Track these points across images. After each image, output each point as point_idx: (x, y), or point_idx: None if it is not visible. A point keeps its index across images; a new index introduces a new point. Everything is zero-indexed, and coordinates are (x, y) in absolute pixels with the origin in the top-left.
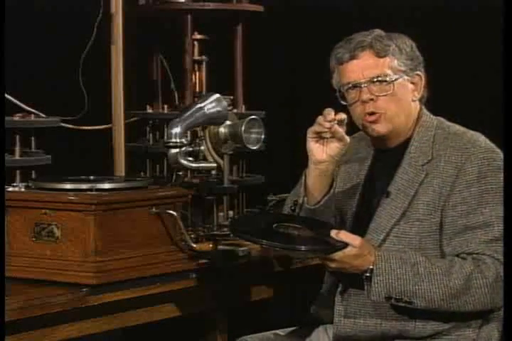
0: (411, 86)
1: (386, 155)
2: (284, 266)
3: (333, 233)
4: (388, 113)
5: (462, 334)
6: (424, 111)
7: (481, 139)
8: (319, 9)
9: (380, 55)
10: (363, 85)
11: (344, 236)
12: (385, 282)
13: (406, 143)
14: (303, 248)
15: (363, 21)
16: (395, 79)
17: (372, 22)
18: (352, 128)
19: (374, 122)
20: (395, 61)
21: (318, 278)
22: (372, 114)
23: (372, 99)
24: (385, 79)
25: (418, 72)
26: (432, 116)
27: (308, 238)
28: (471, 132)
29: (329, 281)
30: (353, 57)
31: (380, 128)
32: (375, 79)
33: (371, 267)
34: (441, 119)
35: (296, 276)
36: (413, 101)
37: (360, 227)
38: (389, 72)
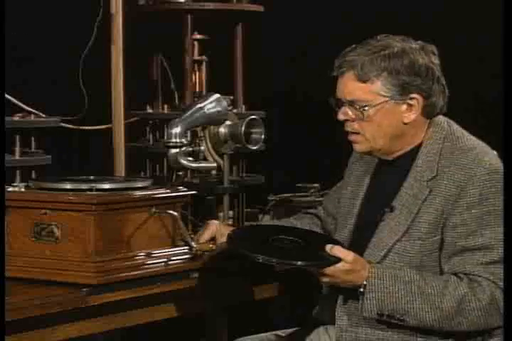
0: (404, 107)
1: (392, 165)
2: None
3: (328, 248)
4: (366, 135)
5: None
6: (436, 119)
7: (487, 158)
8: (319, 9)
9: (361, 79)
10: (342, 104)
11: (337, 251)
12: (377, 299)
13: (413, 153)
14: (298, 263)
15: (363, 21)
16: (372, 105)
17: (372, 22)
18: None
19: (353, 141)
20: (379, 86)
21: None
22: (350, 132)
23: (348, 120)
24: (359, 104)
25: (414, 95)
26: (443, 124)
27: (303, 252)
28: (479, 147)
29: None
30: (339, 74)
31: (359, 148)
32: (351, 104)
33: (364, 283)
34: (454, 127)
35: (296, 276)
36: (405, 124)
37: (360, 239)
38: (367, 97)
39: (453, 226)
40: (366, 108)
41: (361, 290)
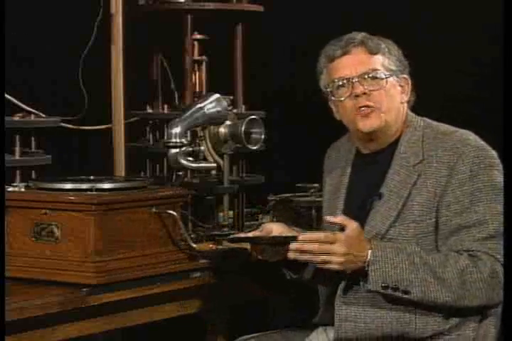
0: (399, 88)
1: (375, 159)
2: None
3: (329, 217)
4: (381, 108)
5: (462, 334)
6: (410, 112)
7: (471, 138)
8: (319, 9)
9: (372, 51)
10: (354, 80)
11: (342, 218)
12: (382, 270)
13: (394, 144)
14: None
15: (363, 21)
16: (387, 76)
17: (372, 22)
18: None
19: (366, 116)
20: (386, 60)
21: None
22: (364, 107)
23: (365, 93)
24: (376, 75)
25: (405, 76)
26: (417, 116)
27: None
28: (461, 131)
29: (328, 285)
30: (345, 53)
31: (371, 122)
32: (367, 75)
33: (368, 256)
34: (428, 120)
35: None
36: (401, 103)
37: None
38: (381, 68)
39: (447, 205)
40: (383, 78)
41: (365, 264)
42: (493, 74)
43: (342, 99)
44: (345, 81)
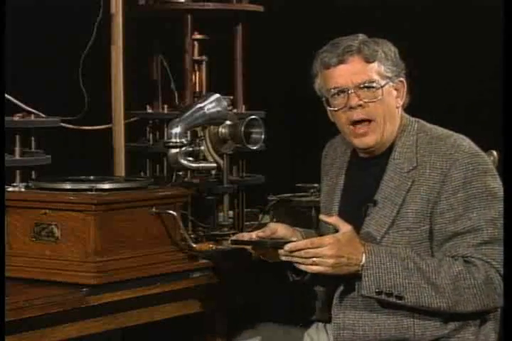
0: (395, 92)
1: (370, 163)
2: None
3: (323, 216)
4: (377, 120)
5: (462, 337)
6: (403, 114)
7: (465, 143)
8: (319, 9)
9: (368, 60)
10: (350, 91)
11: (336, 219)
12: (375, 275)
13: (389, 149)
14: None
15: (363, 21)
16: (383, 85)
17: (372, 22)
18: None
19: (362, 134)
20: (382, 67)
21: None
22: (360, 122)
23: (360, 105)
24: (372, 85)
25: (401, 79)
26: (411, 118)
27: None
28: (455, 135)
29: (326, 286)
30: (341, 62)
31: (369, 140)
32: (363, 85)
33: (362, 261)
34: (422, 122)
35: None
36: (397, 107)
37: None
38: (377, 77)
39: (441, 213)
40: (380, 88)
41: (359, 268)
42: (494, 78)
43: (336, 109)
44: (340, 91)
